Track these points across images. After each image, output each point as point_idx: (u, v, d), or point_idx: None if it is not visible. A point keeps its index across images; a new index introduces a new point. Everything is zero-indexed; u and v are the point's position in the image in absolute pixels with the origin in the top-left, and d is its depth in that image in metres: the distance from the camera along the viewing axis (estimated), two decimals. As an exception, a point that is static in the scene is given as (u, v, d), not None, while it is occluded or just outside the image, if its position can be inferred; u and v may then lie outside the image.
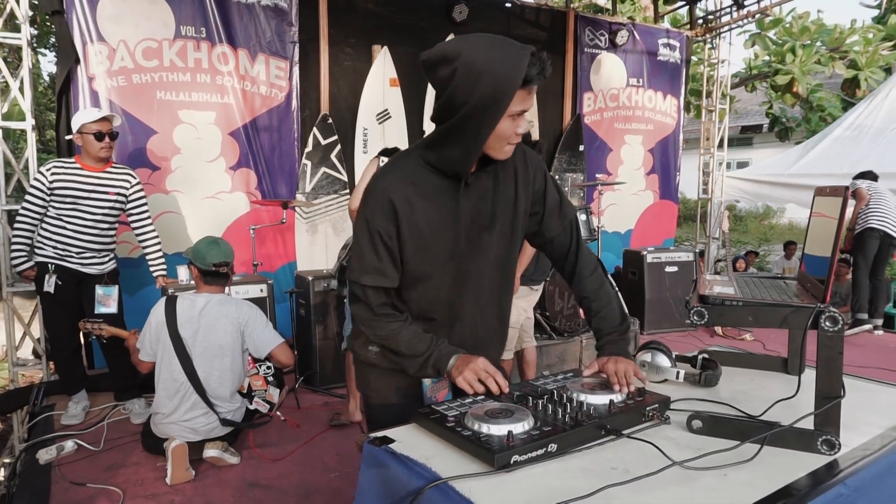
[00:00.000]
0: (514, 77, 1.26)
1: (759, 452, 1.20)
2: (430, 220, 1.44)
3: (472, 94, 1.27)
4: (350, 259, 1.51)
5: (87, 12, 4.10)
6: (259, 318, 2.99)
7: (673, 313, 5.61)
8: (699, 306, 1.41)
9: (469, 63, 1.27)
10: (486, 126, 1.32)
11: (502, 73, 1.26)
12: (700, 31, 7.16)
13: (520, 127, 1.37)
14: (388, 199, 1.40)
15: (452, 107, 1.31)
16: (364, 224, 1.43)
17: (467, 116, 1.30)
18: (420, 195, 1.43)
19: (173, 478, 2.76)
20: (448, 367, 1.48)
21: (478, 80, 1.26)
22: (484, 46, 1.28)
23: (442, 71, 1.30)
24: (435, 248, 1.46)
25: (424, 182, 1.43)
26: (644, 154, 6.85)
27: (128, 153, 4.28)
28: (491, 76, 1.26)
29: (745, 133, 16.83)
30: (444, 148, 1.39)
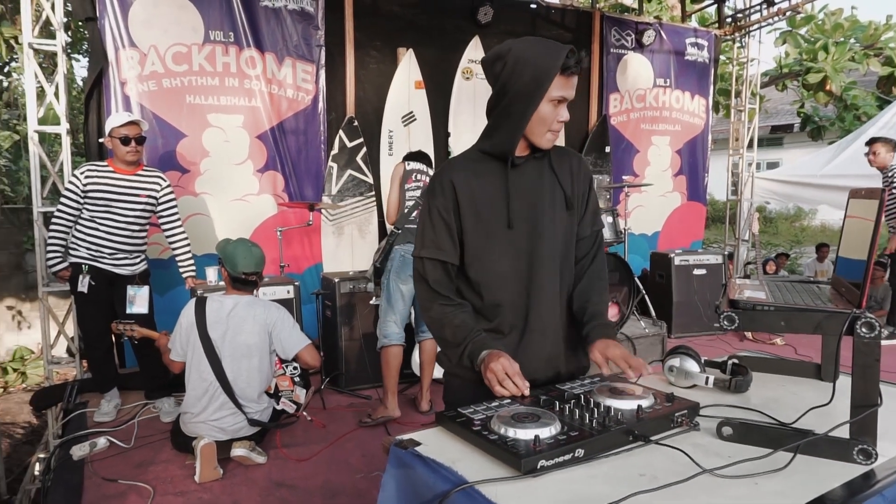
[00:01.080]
0: (553, 63, 1.44)
1: (792, 461, 1.17)
2: (485, 193, 1.56)
3: (518, 80, 1.47)
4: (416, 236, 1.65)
5: (119, 18, 4.19)
6: (286, 319, 3.03)
7: (701, 317, 5.52)
8: (729, 311, 1.38)
9: (516, 55, 1.47)
10: (530, 107, 1.48)
11: (543, 60, 1.45)
12: (729, 29, 7.05)
13: (560, 115, 1.52)
14: (448, 179, 1.56)
15: (503, 94, 1.50)
16: (426, 206, 1.60)
17: (513, 100, 1.49)
18: (476, 174, 1.58)
19: (202, 476, 2.80)
20: (479, 360, 1.51)
21: (523, 68, 1.46)
22: (530, 42, 1.50)
23: (496, 67, 1.50)
24: (490, 219, 1.56)
25: (480, 165, 1.59)
26: (671, 155, 6.76)
27: (158, 156, 4.36)
28: (533, 63, 1.45)
29: (775, 133, 16.51)
30: (494, 133, 1.56)
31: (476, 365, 1.51)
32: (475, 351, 1.52)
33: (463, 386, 1.65)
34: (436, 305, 1.58)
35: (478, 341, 1.53)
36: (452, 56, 5.46)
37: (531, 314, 1.60)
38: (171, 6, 4.35)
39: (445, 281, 1.59)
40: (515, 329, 1.61)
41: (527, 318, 1.60)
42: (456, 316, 1.57)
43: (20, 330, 6.57)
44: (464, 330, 1.55)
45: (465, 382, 1.63)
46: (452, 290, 1.61)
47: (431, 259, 1.58)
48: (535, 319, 1.60)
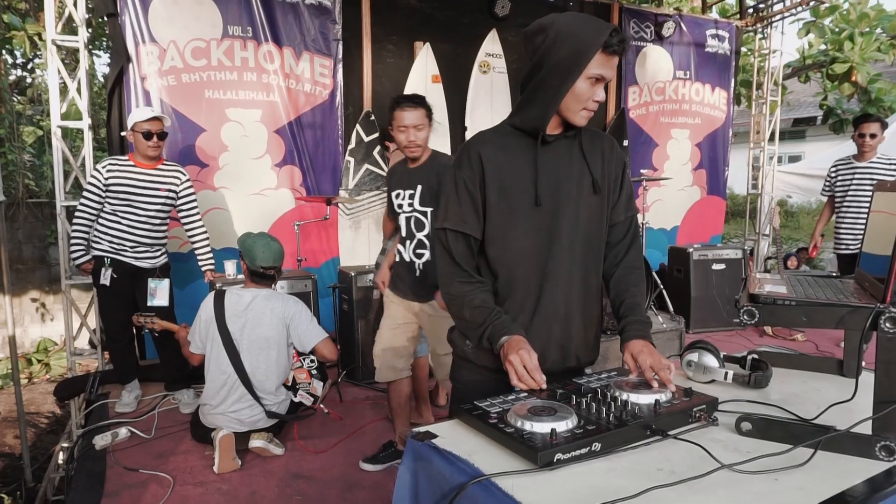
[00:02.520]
0: (595, 39, 1.41)
1: (813, 457, 1.16)
2: (513, 169, 1.53)
3: (557, 53, 1.43)
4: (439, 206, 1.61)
5: (140, 14, 4.23)
6: (304, 312, 3.05)
7: (720, 312, 5.46)
8: (749, 305, 1.36)
9: (559, 28, 1.43)
10: (568, 81, 1.44)
11: (585, 34, 1.42)
12: (750, 20, 6.94)
13: (597, 94, 1.48)
14: (476, 151, 1.53)
15: (540, 66, 1.46)
16: (452, 177, 1.56)
17: (550, 72, 1.44)
18: (504, 149, 1.54)
19: (220, 466, 2.84)
20: (497, 344, 1.48)
21: (564, 40, 1.42)
22: (574, 16, 1.47)
23: (537, 39, 1.46)
24: (516, 195, 1.53)
25: (509, 140, 1.55)
26: (691, 148, 6.68)
27: (178, 150, 4.41)
28: (575, 37, 1.42)
29: (797, 126, 16.23)
30: (527, 107, 1.51)
31: (495, 348, 1.49)
32: (495, 334, 1.49)
33: (472, 372, 1.64)
34: (455, 282, 1.55)
35: (498, 324, 1.50)
36: (469, 50, 5.44)
37: (544, 296, 1.57)
38: (190, 1, 4.38)
39: (468, 255, 1.56)
40: (526, 309, 1.58)
41: (539, 299, 1.57)
42: (476, 296, 1.53)
43: (44, 322, 6.69)
44: (484, 311, 1.51)
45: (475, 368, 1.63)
46: (473, 266, 1.57)
47: (455, 231, 1.54)
48: (548, 302, 1.57)
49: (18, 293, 6.40)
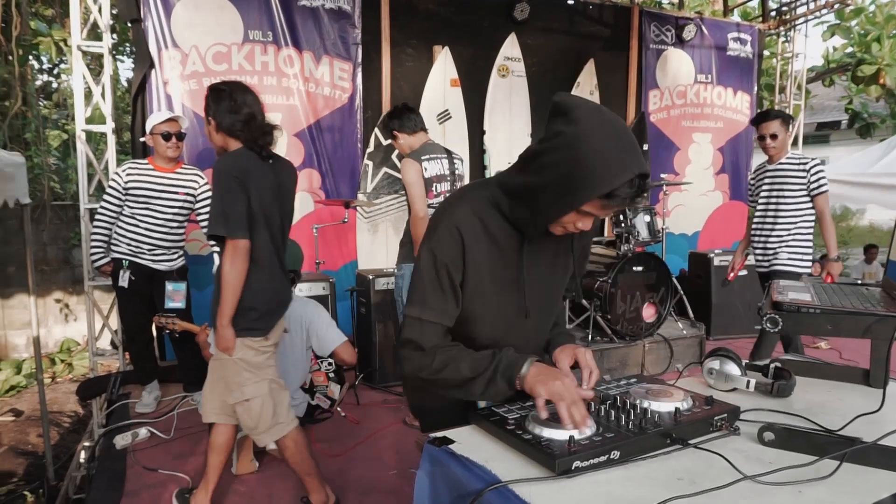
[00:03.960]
0: (602, 183, 1.18)
1: (838, 470, 1.13)
2: (492, 264, 1.40)
3: (558, 168, 1.21)
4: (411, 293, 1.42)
5: (163, 20, 4.29)
6: (323, 316, 3.06)
7: (741, 318, 5.38)
8: (773, 313, 1.34)
9: (579, 136, 1.18)
10: (556, 209, 1.26)
11: (596, 171, 1.18)
12: (773, 23, 6.85)
13: (585, 226, 1.30)
14: (457, 229, 1.35)
15: (540, 163, 1.25)
16: (430, 256, 1.37)
17: (544, 188, 1.26)
18: (487, 234, 1.38)
19: (238, 468, 2.85)
20: (521, 372, 1.35)
21: (575, 162, 1.19)
22: (605, 132, 1.19)
23: (559, 122, 1.22)
24: (491, 293, 1.43)
25: (492, 224, 1.39)
26: (713, 153, 6.61)
27: (198, 154, 4.45)
28: (584, 166, 1.18)
29: (821, 130, 15.99)
30: (516, 202, 1.34)
31: (517, 377, 1.36)
32: (511, 365, 1.36)
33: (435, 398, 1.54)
34: (437, 354, 1.40)
35: (510, 354, 1.39)
36: (488, 53, 5.44)
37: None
38: (211, 7, 4.43)
39: (442, 343, 1.42)
40: None
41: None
42: (464, 351, 1.41)
43: (67, 322, 6.81)
44: (484, 357, 1.39)
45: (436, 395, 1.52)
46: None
47: (434, 323, 1.39)
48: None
49: (43, 294, 6.52)
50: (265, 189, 2.30)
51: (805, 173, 3.73)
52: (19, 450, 4.74)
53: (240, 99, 2.30)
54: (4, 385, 5.90)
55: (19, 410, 5.35)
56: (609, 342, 4.43)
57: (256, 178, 2.26)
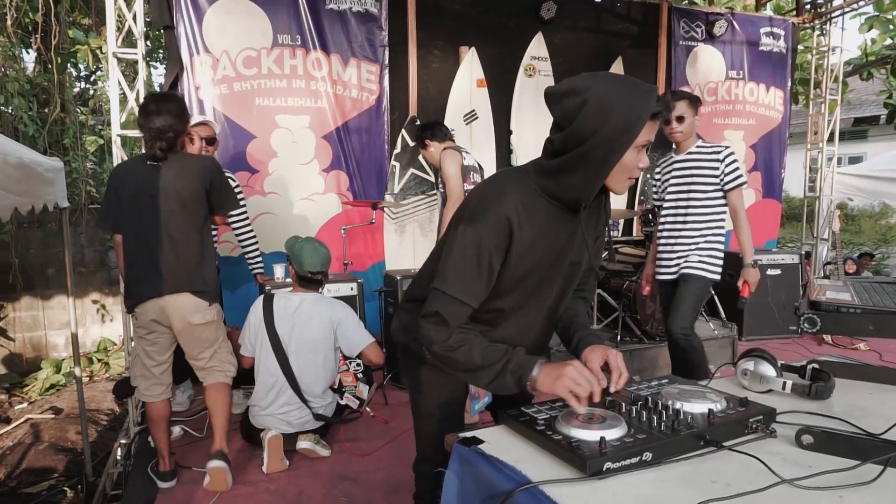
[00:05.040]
0: (645, 107, 1.31)
1: (882, 475, 1.09)
2: (538, 247, 1.46)
3: (604, 124, 1.30)
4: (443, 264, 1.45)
5: (194, 26, 4.37)
6: (351, 317, 3.08)
7: (775, 319, 5.26)
8: (811, 313, 1.31)
9: (601, 95, 1.30)
10: (616, 154, 1.34)
11: (634, 104, 1.31)
12: (808, 17, 6.68)
13: (641, 161, 1.39)
14: (507, 220, 1.39)
15: (580, 136, 1.33)
16: (475, 238, 1.39)
17: (596, 145, 1.32)
18: (532, 221, 1.43)
19: (269, 466, 2.89)
20: (533, 374, 1.41)
21: (610, 110, 1.30)
22: (614, 81, 1.34)
23: (568, 102, 1.33)
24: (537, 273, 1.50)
25: (539, 209, 1.44)
26: (746, 150, 6.48)
27: (229, 157, 4.52)
28: (624, 106, 1.30)
29: (858, 125, 15.56)
30: (566, 176, 1.39)
31: (528, 378, 1.41)
32: (522, 366, 1.42)
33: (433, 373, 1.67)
34: (454, 333, 1.44)
35: (521, 355, 1.44)
36: (515, 53, 5.42)
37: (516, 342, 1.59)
38: (241, 12, 4.50)
39: (464, 324, 1.47)
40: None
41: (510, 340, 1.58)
42: (479, 339, 1.46)
43: (104, 323, 6.97)
44: (497, 350, 1.44)
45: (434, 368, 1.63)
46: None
47: (465, 304, 1.43)
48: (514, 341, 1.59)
49: (80, 295, 6.69)
50: (140, 192, 2.60)
51: (719, 164, 3.14)
52: (59, 446, 4.87)
53: (147, 109, 2.60)
54: (45, 384, 6.07)
55: (59, 408, 5.50)
56: (639, 343, 4.38)
57: (128, 182, 2.64)
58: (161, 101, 2.65)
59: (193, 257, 2.66)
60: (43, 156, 3.76)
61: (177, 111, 2.63)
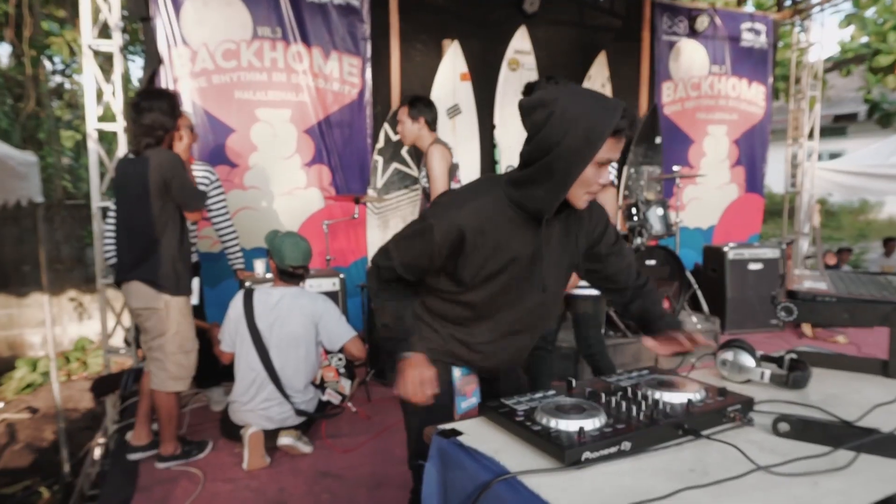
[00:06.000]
0: (608, 123, 1.33)
1: (855, 461, 1.10)
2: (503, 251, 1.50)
3: (565, 136, 1.34)
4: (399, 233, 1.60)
5: (172, 18, 4.30)
6: (332, 311, 3.05)
7: (757, 313, 5.32)
8: (787, 302, 1.31)
9: (565, 107, 1.34)
10: (576, 167, 1.37)
11: (597, 118, 1.33)
12: (788, 13, 6.74)
13: (601, 177, 1.41)
14: (459, 227, 1.46)
15: (544, 147, 1.37)
16: (428, 232, 1.49)
17: (558, 156, 1.36)
18: (495, 229, 1.48)
19: (249, 464, 2.85)
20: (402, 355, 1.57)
21: (573, 123, 1.33)
22: (581, 95, 1.37)
23: (538, 114, 1.37)
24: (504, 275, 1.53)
25: (503, 218, 1.49)
26: (729, 145, 6.53)
27: (208, 151, 4.46)
28: (586, 120, 1.33)
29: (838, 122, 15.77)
30: (530, 187, 1.43)
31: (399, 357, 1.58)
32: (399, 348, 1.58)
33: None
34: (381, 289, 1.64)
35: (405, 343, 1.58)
36: (498, 47, 5.40)
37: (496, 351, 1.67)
38: (220, 4, 4.43)
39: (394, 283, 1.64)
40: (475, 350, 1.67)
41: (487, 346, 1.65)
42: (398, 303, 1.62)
43: (81, 321, 6.87)
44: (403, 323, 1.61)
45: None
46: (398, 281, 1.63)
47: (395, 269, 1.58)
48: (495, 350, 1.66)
49: (57, 292, 6.58)
50: (118, 184, 2.87)
51: None
52: (35, 446, 4.80)
53: (139, 106, 2.73)
54: (21, 383, 5.97)
55: (35, 408, 5.41)
56: (622, 337, 4.39)
57: (116, 174, 2.91)
58: (153, 99, 2.76)
59: (146, 249, 2.76)
60: (15, 150, 3.68)
61: (168, 109, 2.73)
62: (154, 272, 2.76)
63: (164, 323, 2.82)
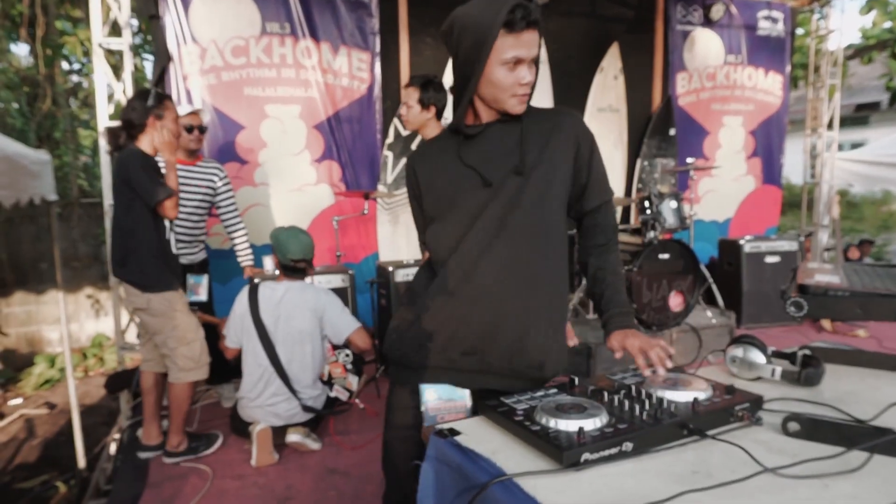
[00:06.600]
0: (490, 21, 1.33)
1: (868, 462, 1.05)
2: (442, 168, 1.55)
3: (461, 46, 1.39)
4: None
5: (181, 15, 4.30)
6: (336, 303, 3.04)
7: (774, 307, 5.21)
8: (797, 296, 1.26)
9: (460, 19, 1.39)
10: (475, 73, 1.38)
11: (482, 18, 1.34)
12: (806, 0, 6.59)
13: (521, 77, 1.39)
14: (411, 166, 1.61)
15: (454, 62, 1.45)
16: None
17: (460, 68, 1.42)
18: (436, 154, 1.59)
19: (258, 460, 2.85)
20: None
21: (463, 31, 1.38)
22: (472, 3, 1.39)
23: (450, 38, 1.43)
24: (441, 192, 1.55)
25: (442, 143, 1.58)
26: (745, 136, 6.40)
27: (218, 148, 4.47)
28: (473, 23, 1.35)
29: (860, 111, 15.45)
30: (455, 108, 1.49)
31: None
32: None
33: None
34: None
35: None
36: (508, 40, 5.33)
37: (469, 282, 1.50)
38: (229, 1, 4.43)
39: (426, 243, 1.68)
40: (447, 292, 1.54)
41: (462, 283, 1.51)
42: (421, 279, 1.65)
43: (98, 317, 6.94)
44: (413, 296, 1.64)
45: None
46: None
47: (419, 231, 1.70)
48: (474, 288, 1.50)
49: (74, 290, 6.66)
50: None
51: None
52: (53, 442, 4.86)
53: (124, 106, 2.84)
54: (39, 379, 6.05)
55: (53, 403, 5.49)
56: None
57: None
58: (132, 98, 2.84)
59: (124, 247, 2.81)
60: (29, 148, 3.71)
61: (138, 105, 2.77)
62: (134, 272, 2.79)
63: (154, 321, 2.83)
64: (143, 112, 2.75)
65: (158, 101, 2.78)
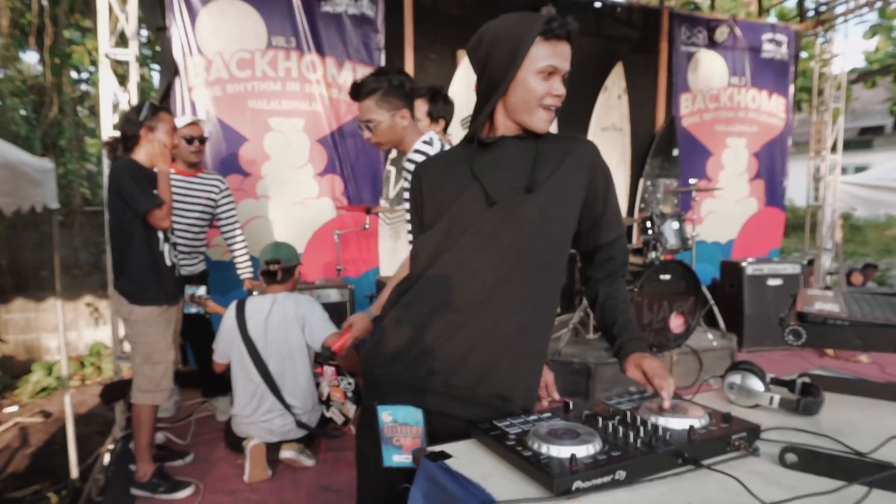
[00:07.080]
0: (528, 28, 1.33)
1: (868, 497, 1.02)
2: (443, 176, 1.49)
3: (492, 56, 1.37)
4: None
5: (188, 27, 4.34)
6: (316, 310, 3.01)
7: (776, 330, 5.13)
8: (796, 325, 1.24)
9: (491, 31, 1.38)
10: (506, 78, 1.36)
11: (518, 28, 1.34)
12: (811, 23, 6.62)
13: (555, 87, 1.37)
14: (417, 177, 1.54)
15: (480, 73, 1.42)
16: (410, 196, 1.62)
17: (489, 76, 1.39)
18: (443, 162, 1.53)
19: (251, 476, 2.82)
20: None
21: (497, 40, 1.36)
22: (505, 16, 1.38)
23: (479, 52, 1.41)
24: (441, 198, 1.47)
25: (452, 155, 1.53)
26: (748, 158, 6.41)
27: (220, 160, 4.48)
28: (508, 33, 1.35)
29: (864, 134, 15.48)
30: (475, 117, 1.45)
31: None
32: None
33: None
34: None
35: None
36: (513, 58, 5.36)
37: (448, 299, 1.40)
38: (235, 13, 4.46)
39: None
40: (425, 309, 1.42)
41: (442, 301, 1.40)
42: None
43: (97, 326, 6.93)
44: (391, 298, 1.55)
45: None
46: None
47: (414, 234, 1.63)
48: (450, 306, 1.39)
49: (73, 298, 6.65)
50: None
51: None
52: (47, 451, 4.82)
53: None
54: (36, 387, 6.02)
55: (48, 412, 5.45)
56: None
57: None
58: (129, 110, 2.87)
59: (117, 257, 2.84)
60: (32, 156, 3.72)
61: (132, 117, 2.79)
62: (125, 281, 2.80)
63: (131, 332, 2.83)
64: (136, 124, 2.77)
65: (152, 113, 2.79)
